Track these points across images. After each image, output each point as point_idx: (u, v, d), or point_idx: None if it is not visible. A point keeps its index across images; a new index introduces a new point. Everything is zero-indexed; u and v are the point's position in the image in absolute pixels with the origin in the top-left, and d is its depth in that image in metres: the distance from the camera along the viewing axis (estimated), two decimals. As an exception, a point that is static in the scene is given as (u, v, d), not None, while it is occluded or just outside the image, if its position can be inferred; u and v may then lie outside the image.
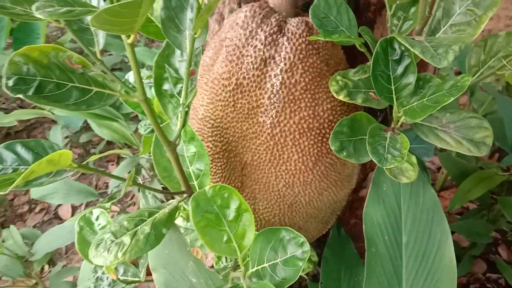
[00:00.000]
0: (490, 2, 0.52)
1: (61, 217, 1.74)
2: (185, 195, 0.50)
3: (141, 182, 1.51)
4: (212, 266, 0.70)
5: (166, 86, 0.46)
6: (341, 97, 0.52)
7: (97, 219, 0.54)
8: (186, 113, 0.46)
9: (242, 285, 0.37)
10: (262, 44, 0.54)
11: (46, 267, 1.53)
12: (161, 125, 0.47)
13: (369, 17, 0.68)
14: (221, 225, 0.37)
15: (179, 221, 0.71)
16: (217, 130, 0.58)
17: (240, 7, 0.74)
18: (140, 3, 0.27)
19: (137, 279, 0.58)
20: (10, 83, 0.36)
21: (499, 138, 1.33)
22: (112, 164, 1.99)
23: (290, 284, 0.37)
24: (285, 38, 0.54)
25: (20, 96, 0.36)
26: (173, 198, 0.51)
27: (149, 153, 0.86)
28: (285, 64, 0.53)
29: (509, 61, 0.53)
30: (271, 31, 0.54)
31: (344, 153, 0.49)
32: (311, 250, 0.72)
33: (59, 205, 1.80)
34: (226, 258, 0.71)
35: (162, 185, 1.50)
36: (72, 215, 1.76)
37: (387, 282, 0.56)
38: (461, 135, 0.56)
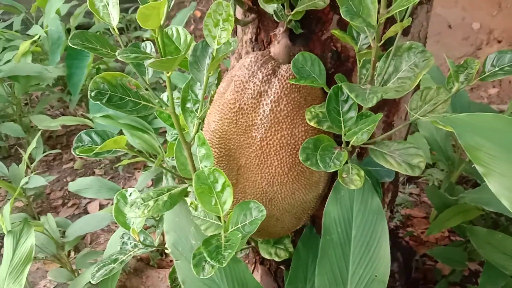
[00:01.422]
0: (425, 64, 0.72)
1: (90, 212, 1.98)
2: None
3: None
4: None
5: (188, 105, 0.69)
6: (312, 123, 0.73)
7: (130, 195, 0.76)
8: (200, 123, 0.67)
9: (221, 235, 0.58)
10: (259, 81, 0.76)
11: (72, 253, 1.75)
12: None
13: (348, 67, 0.90)
14: (212, 193, 0.58)
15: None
16: (223, 140, 0.79)
17: (253, 50, 0.97)
18: (176, 59, 0.49)
19: (152, 244, 0.79)
20: (93, 94, 0.59)
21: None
22: (139, 171, 2.23)
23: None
24: (276, 78, 0.76)
25: (98, 102, 0.58)
26: (185, 183, 0.72)
27: (172, 156, 1.08)
28: (274, 97, 0.75)
29: (436, 107, 0.73)
30: (267, 73, 0.76)
31: (308, 162, 0.70)
32: (288, 243, 0.91)
33: (88, 202, 2.04)
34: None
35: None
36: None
37: (336, 263, 0.75)
38: (402, 159, 0.76)
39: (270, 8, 0.81)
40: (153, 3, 0.45)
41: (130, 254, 0.76)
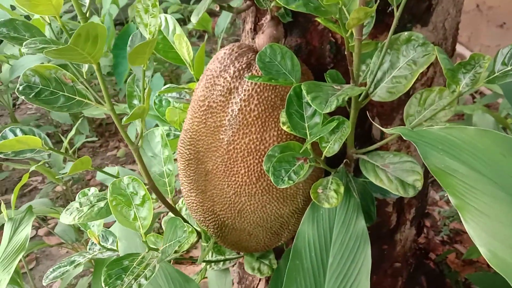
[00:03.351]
0: (424, 60, 0.58)
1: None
2: (146, 187, 0.64)
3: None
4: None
5: (135, 101, 0.62)
6: (285, 128, 0.63)
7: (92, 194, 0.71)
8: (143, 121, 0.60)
9: (139, 254, 0.50)
10: (230, 76, 0.66)
11: (102, 240, 1.79)
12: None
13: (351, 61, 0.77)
14: (130, 206, 0.50)
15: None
16: (193, 140, 0.71)
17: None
18: (70, 47, 0.42)
19: (116, 249, 0.74)
20: (21, 88, 0.54)
21: None
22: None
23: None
24: (250, 73, 0.66)
25: (23, 97, 0.53)
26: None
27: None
28: (244, 95, 0.65)
29: (436, 113, 0.58)
30: (240, 67, 0.67)
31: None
32: (273, 258, 0.82)
33: (124, 191, 2.08)
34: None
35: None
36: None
37: (307, 293, 0.64)
38: (395, 176, 0.63)
39: (252, -7, 0.71)
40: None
41: (88, 257, 0.71)
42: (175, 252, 0.60)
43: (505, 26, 2.87)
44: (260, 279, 1.16)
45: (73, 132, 1.95)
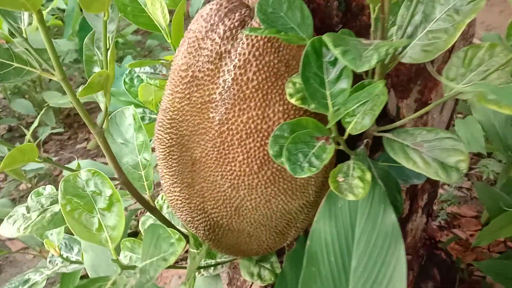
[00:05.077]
0: (470, 8, 0.46)
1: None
2: (116, 182, 0.49)
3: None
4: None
5: (96, 69, 0.47)
6: (293, 101, 0.49)
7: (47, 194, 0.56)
8: (110, 96, 0.45)
9: (109, 277, 0.36)
10: (220, 37, 0.52)
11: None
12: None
13: (363, 21, 0.64)
14: (92, 211, 0.36)
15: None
16: (174, 122, 0.57)
17: None
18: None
19: (80, 261, 0.59)
20: None
21: None
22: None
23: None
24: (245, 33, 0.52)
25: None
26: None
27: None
28: (239, 60, 0.51)
29: (487, 76, 0.46)
30: (231, 26, 0.52)
31: (283, 159, 0.46)
32: (276, 262, 0.68)
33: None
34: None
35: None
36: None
37: (326, 306, 0.51)
38: (432, 156, 0.50)
39: None
40: None
41: (47, 274, 0.56)
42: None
43: (489, 3, 2.81)
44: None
45: (36, 123, 1.76)
